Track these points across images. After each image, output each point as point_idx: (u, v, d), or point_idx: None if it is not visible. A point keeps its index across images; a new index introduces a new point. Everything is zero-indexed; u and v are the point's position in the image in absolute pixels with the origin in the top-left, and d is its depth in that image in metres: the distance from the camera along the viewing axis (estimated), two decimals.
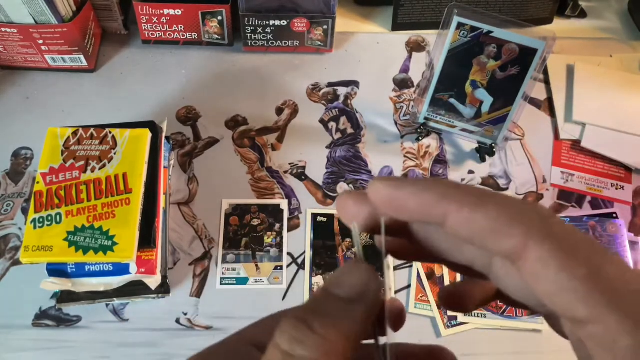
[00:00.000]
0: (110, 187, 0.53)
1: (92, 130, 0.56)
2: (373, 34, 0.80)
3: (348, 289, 0.19)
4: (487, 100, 0.64)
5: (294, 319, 0.18)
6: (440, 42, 0.62)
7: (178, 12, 0.70)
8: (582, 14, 0.84)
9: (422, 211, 0.20)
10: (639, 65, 0.78)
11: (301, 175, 0.67)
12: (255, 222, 0.63)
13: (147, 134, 0.57)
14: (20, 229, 0.61)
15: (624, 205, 0.67)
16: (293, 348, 0.17)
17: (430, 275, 0.61)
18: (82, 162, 0.54)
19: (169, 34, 0.73)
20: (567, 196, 0.67)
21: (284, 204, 0.64)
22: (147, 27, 0.72)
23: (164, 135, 0.61)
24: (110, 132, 0.56)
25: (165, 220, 0.60)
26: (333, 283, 0.20)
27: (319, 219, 0.64)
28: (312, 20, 0.71)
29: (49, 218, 0.51)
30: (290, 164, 0.68)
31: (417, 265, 0.61)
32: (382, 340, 0.21)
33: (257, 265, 0.61)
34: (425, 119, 0.68)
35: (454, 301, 0.25)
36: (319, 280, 0.60)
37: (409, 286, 0.60)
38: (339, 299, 0.19)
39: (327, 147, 0.69)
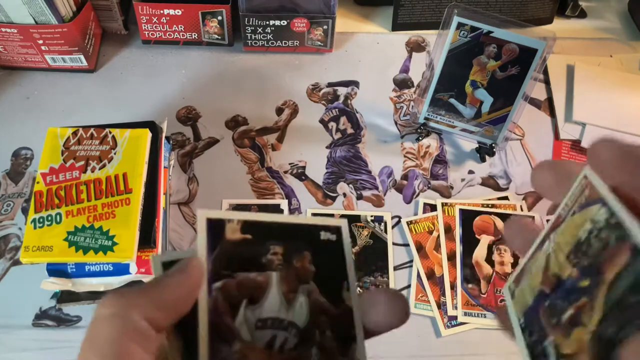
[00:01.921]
0: (110, 187, 0.53)
1: (92, 130, 0.56)
2: (373, 34, 0.80)
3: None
4: (487, 100, 0.64)
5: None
6: (440, 42, 0.62)
7: (178, 12, 0.70)
8: (582, 14, 0.84)
9: None
10: (639, 65, 0.78)
11: (301, 175, 0.67)
12: None
13: (147, 134, 0.57)
14: (20, 229, 0.61)
15: None
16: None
17: (430, 275, 0.61)
18: (82, 162, 0.54)
19: (169, 34, 0.73)
20: None
21: (284, 204, 0.64)
22: (147, 27, 0.72)
23: (164, 135, 0.61)
24: (110, 132, 0.56)
25: (165, 220, 0.60)
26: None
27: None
28: (312, 20, 0.71)
29: (49, 218, 0.51)
30: (290, 164, 0.68)
31: (417, 265, 0.61)
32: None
33: None
34: (425, 119, 0.68)
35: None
36: None
37: (409, 286, 0.60)
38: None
39: (327, 147, 0.69)
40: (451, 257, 0.61)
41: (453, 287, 0.60)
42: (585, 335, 0.19)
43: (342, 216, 0.64)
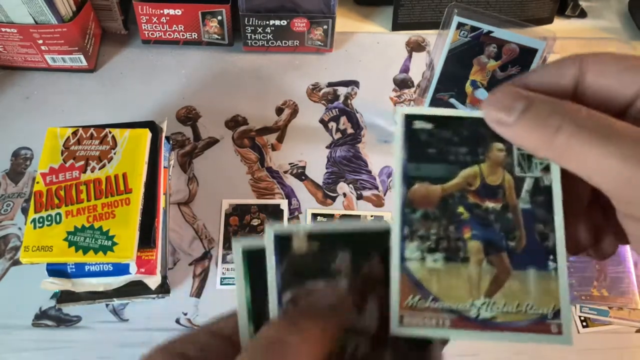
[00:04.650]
0: (110, 187, 0.53)
1: (91, 130, 0.56)
2: (373, 33, 0.80)
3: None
4: None
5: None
6: (440, 42, 0.62)
7: (178, 12, 0.70)
8: (582, 14, 0.83)
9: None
10: None
11: (301, 175, 0.67)
12: (255, 222, 0.63)
13: (146, 134, 0.57)
14: (20, 229, 0.61)
15: None
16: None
17: None
18: (82, 162, 0.54)
19: (168, 34, 0.73)
20: None
21: (284, 204, 0.64)
22: (147, 27, 0.72)
23: (163, 135, 0.61)
24: (110, 132, 0.56)
25: (165, 220, 0.60)
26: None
27: (319, 219, 0.64)
28: (312, 20, 0.71)
29: (49, 218, 0.51)
30: (290, 164, 0.68)
31: None
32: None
33: None
34: None
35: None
36: None
37: None
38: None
39: (327, 147, 0.69)
40: None
41: None
42: None
43: (342, 216, 0.64)
